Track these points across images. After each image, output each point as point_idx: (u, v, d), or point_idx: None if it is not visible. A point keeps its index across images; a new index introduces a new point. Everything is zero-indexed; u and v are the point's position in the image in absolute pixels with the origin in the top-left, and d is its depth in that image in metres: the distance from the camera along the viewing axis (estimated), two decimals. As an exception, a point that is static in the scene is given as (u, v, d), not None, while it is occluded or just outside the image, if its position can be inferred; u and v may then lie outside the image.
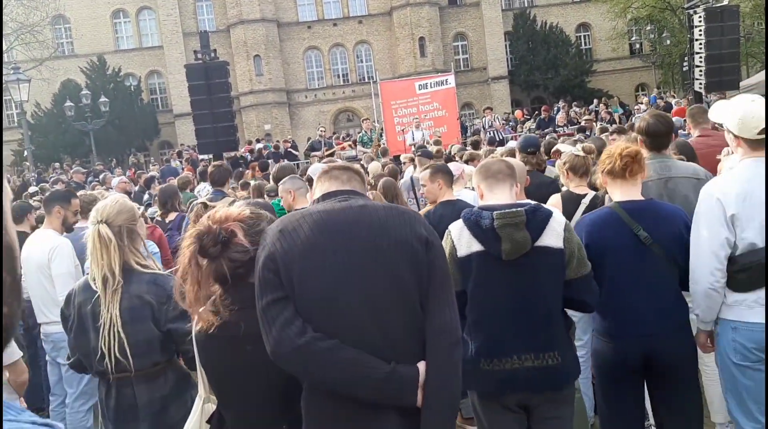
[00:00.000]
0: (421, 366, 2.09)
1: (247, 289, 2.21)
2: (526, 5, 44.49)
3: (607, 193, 3.32)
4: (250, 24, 39.67)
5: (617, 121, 20.02)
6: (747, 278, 2.84)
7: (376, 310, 2.07)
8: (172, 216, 7.11)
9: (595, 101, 26.40)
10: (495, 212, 2.75)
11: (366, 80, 40.29)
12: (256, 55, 39.76)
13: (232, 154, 16.73)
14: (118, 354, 2.87)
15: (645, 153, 3.36)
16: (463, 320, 2.65)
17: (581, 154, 4.28)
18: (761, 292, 2.85)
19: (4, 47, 29.41)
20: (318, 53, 42.39)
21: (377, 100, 19.97)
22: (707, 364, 3.63)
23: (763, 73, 19.81)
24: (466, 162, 7.65)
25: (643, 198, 3.15)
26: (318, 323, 2.04)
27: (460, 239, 2.82)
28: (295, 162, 17.84)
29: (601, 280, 2.98)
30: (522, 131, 19.65)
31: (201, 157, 18.15)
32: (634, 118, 17.92)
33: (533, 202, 2.88)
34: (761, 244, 2.81)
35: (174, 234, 6.88)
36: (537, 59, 41.24)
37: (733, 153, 3.19)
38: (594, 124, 17.74)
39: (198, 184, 10.79)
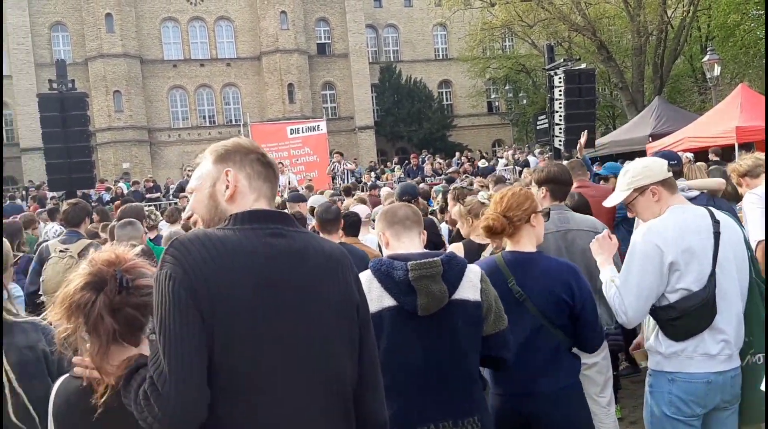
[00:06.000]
0: None
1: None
2: (392, 59, 45.89)
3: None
4: (110, 59, 38.02)
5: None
6: (685, 325, 2.74)
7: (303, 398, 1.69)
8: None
9: (457, 154, 27.25)
10: (409, 263, 2.47)
11: (233, 122, 39.57)
12: (117, 91, 38.06)
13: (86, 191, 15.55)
14: (15, 419, 2.25)
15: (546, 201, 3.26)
16: None
17: (486, 201, 4.09)
18: (699, 340, 2.76)
19: None
20: (183, 93, 41.19)
21: (246, 143, 19.49)
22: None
23: (614, 133, 21.36)
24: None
25: (532, 250, 2.97)
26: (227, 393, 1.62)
27: (370, 293, 2.45)
28: (157, 203, 16.92)
29: None
30: (386, 181, 19.86)
31: (51, 194, 16.78)
32: (498, 171, 18.64)
33: (448, 251, 2.65)
34: (696, 289, 2.74)
35: (19, 277, 6.13)
36: (402, 111, 42.49)
37: None
38: (459, 174, 18.29)
39: (45, 224, 9.91)
